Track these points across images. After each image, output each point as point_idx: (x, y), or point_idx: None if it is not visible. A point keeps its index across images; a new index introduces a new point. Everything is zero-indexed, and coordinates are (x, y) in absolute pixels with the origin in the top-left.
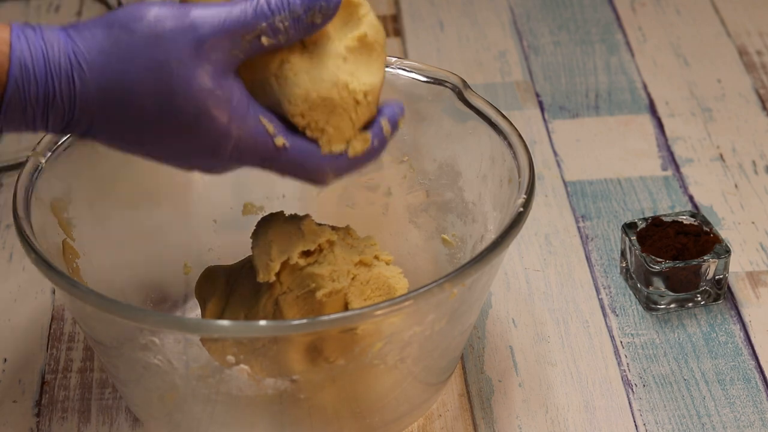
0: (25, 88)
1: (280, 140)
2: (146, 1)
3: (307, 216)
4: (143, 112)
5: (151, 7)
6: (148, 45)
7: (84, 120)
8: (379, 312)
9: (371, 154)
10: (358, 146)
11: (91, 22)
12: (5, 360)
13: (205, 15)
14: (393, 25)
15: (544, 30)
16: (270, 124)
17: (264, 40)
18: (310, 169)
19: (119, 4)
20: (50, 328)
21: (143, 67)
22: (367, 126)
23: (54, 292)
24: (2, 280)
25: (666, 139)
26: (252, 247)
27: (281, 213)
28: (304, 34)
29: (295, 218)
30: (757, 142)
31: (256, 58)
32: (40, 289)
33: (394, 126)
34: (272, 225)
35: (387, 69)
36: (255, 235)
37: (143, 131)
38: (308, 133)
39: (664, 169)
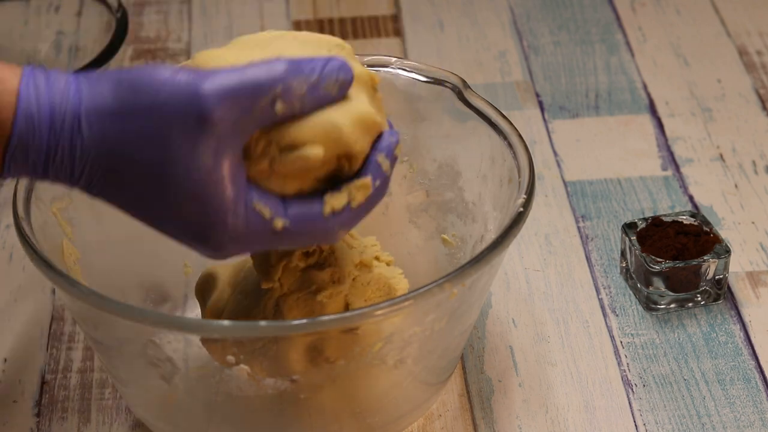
0: (29, 142)
1: (279, 222)
2: (159, 65)
3: None
4: (140, 180)
5: (162, 71)
6: (152, 112)
7: (84, 179)
8: (379, 312)
9: (376, 197)
10: (359, 195)
11: (103, 76)
12: (5, 360)
13: (215, 82)
14: (393, 25)
15: (544, 30)
16: (265, 208)
17: (279, 106)
18: (318, 235)
19: (119, 5)
20: (50, 328)
21: (145, 135)
22: (364, 166)
23: (54, 292)
24: (2, 280)
25: (666, 139)
26: (251, 256)
27: None
28: (318, 104)
29: None
30: (757, 142)
31: None
32: (40, 289)
33: (392, 158)
34: None
35: (387, 69)
36: None
37: (140, 199)
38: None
39: (664, 169)
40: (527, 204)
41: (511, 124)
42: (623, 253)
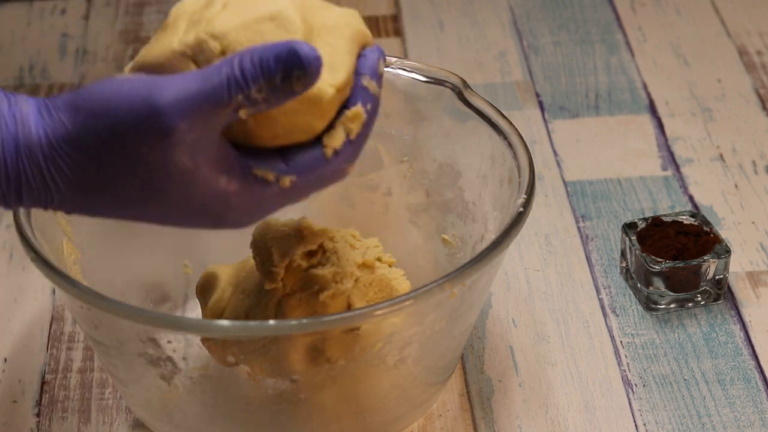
0: None
1: (286, 180)
2: (110, 79)
3: (303, 218)
4: (126, 198)
5: (112, 87)
6: (115, 134)
7: (65, 205)
8: (379, 312)
9: (371, 120)
10: (354, 126)
11: (59, 104)
12: (5, 360)
13: (172, 94)
14: (393, 25)
15: (544, 30)
16: (267, 172)
17: (242, 113)
18: (327, 179)
19: None
20: (50, 328)
21: (116, 155)
22: (351, 94)
23: (54, 292)
24: (2, 280)
25: (666, 139)
26: (253, 257)
27: (275, 219)
28: (284, 101)
29: (290, 222)
30: (757, 142)
31: None
32: (40, 289)
33: (378, 77)
34: (269, 232)
35: (387, 69)
36: (254, 244)
37: (133, 212)
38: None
39: (664, 169)
40: (527, 204)
41: (511, 124)
42: (623, 253)
